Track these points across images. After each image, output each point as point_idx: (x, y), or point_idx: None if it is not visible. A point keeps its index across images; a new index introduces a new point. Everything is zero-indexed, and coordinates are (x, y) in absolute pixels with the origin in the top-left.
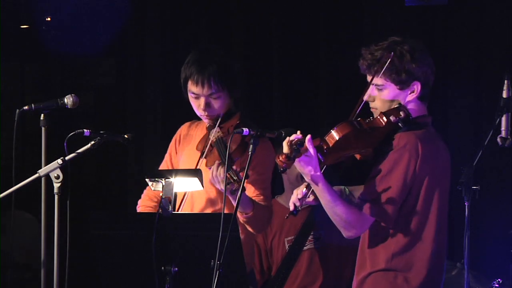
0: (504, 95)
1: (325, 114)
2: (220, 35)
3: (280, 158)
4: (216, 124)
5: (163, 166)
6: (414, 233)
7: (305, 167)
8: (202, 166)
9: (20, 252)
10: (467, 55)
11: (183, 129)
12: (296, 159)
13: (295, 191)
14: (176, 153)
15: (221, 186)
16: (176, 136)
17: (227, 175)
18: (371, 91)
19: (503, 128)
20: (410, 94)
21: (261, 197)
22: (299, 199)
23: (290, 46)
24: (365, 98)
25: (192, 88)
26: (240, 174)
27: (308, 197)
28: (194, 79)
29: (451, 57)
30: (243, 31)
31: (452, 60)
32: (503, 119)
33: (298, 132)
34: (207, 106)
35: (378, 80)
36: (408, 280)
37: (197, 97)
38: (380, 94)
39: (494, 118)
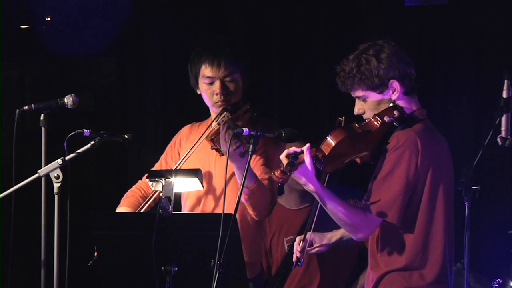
0: (504, 95)
1: (326, 114)
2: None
3: (276, 174)
4: (225, 112)
5: (156, 168)
6: (424, 230)
7: (300, 179)
8: (208, 166)
9: None
10: (467, 55)
11: (183, 132)
12: (292, 172)
13: (295, 244)
14: (178, 155)
15: (226, 148)
16: (175, 140)
17: (237, 140)
18: (358, 104)
19: (503, 128)
20: (393, 93)
21: (266, 181)
22: (299, 252)
23: (291, 47)
24: (355, 112)
25: (206, 72)
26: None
27: (311, 246)
28: (209, 61)
29: (451, 57)
30: (243, 32)
31: (452, 60)
32: (503, 119)
33: (302, 148)
34: (223, 89)
35: (358, 93)
36: (424, 277)
37: (211, 82)
38: (366, 104)
39: (494, 118)
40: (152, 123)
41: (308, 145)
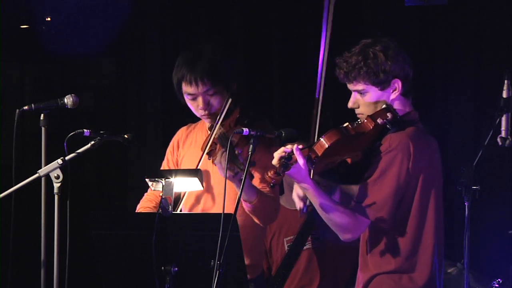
0: (504, 95)
1: (326, 113)
2: (220, 35)
3: (269, 174)
4: (216, 122)
5: None
6: (414, 233)
7: (295, 178)
8: (205, 165)
9: None
10: (467, 55)
11: (180, 133)
12: (285, 173)
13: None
14: (177, 158)
15: (223, 173)
16: (173, 142)
17: (234, 165)
18: (354, 97)
19: (503, 128)
20: (392, 92)
21: (267, 188)
22: (301, 199)
23: (291, 47)
24: (350, 105)
25: (187, 89)
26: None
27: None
28: (187, 79)
29: (451, 57)
30: (243, 32)
31: (452, 60)
32: (503, 119)
33: (294, 145)
34: (206, 104)
35: (359, 86)
36: (413, 280)
37: (194, 98)
38: (363, 99)
39: (494, 118)
40: (152, 123)
41: (296, 145)
